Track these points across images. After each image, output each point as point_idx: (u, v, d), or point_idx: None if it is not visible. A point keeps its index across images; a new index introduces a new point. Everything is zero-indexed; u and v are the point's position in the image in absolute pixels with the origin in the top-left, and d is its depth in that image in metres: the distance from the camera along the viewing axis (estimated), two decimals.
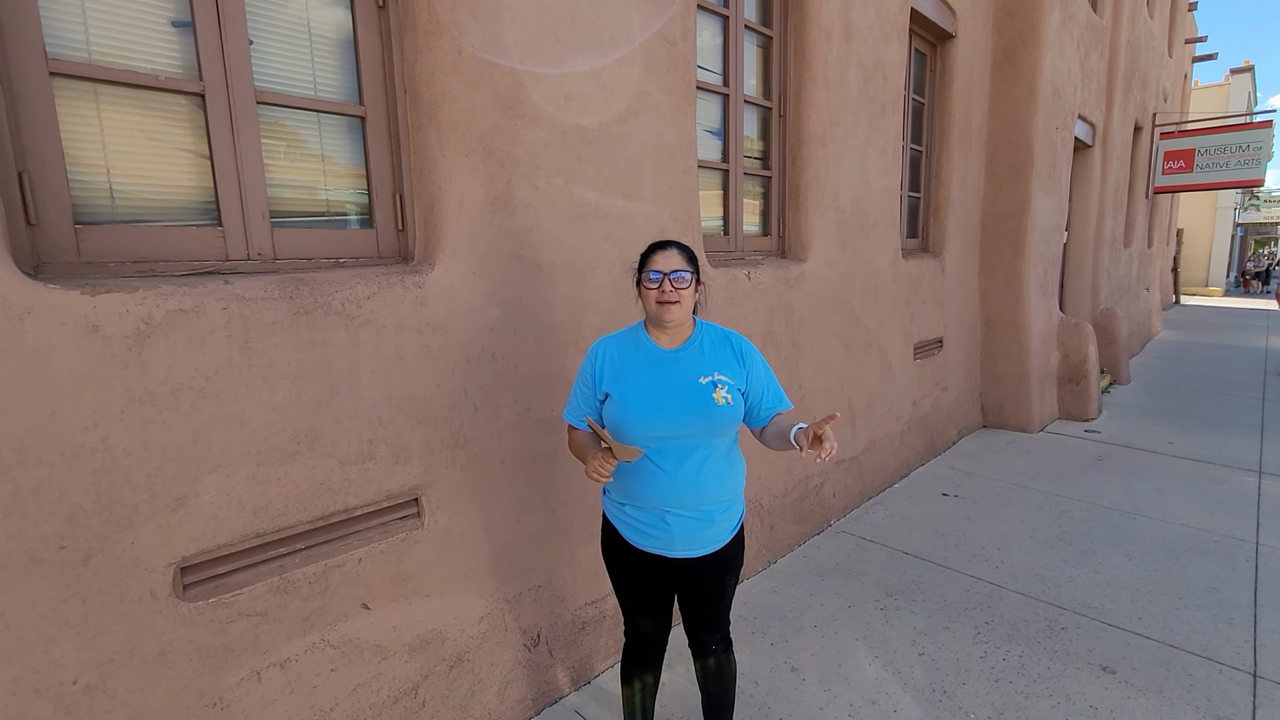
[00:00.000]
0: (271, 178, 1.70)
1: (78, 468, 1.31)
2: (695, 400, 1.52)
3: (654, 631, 1.74)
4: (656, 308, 1.52)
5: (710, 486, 1.55)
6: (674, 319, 1.53)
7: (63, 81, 1.39)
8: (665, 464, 1.52)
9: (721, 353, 1.61)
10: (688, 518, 1.55)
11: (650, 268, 1.53)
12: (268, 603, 1.59)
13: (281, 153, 1.73)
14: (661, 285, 1.51)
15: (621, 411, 1.52)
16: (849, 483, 3.76)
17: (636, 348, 1.59)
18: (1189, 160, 9.17)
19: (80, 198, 1.43)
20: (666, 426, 1.50)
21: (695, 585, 1.64)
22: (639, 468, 1.53)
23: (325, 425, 1.66)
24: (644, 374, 1.55)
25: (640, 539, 1.59)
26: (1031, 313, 5.25)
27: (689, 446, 1.53)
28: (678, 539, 1.56)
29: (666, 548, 1.57)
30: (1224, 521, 3.54)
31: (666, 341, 1.59)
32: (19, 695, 1.26)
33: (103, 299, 1.32)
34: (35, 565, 1.27)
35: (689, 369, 1.56)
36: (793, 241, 3.41)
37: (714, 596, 1.66)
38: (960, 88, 4.67)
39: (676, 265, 1.52)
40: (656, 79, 2.43)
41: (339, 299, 1.67)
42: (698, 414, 1.51)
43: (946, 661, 2.39)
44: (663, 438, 1.51)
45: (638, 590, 1.68)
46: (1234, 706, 2.13)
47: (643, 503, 1.55)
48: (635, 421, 1.51)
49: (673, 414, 1.51)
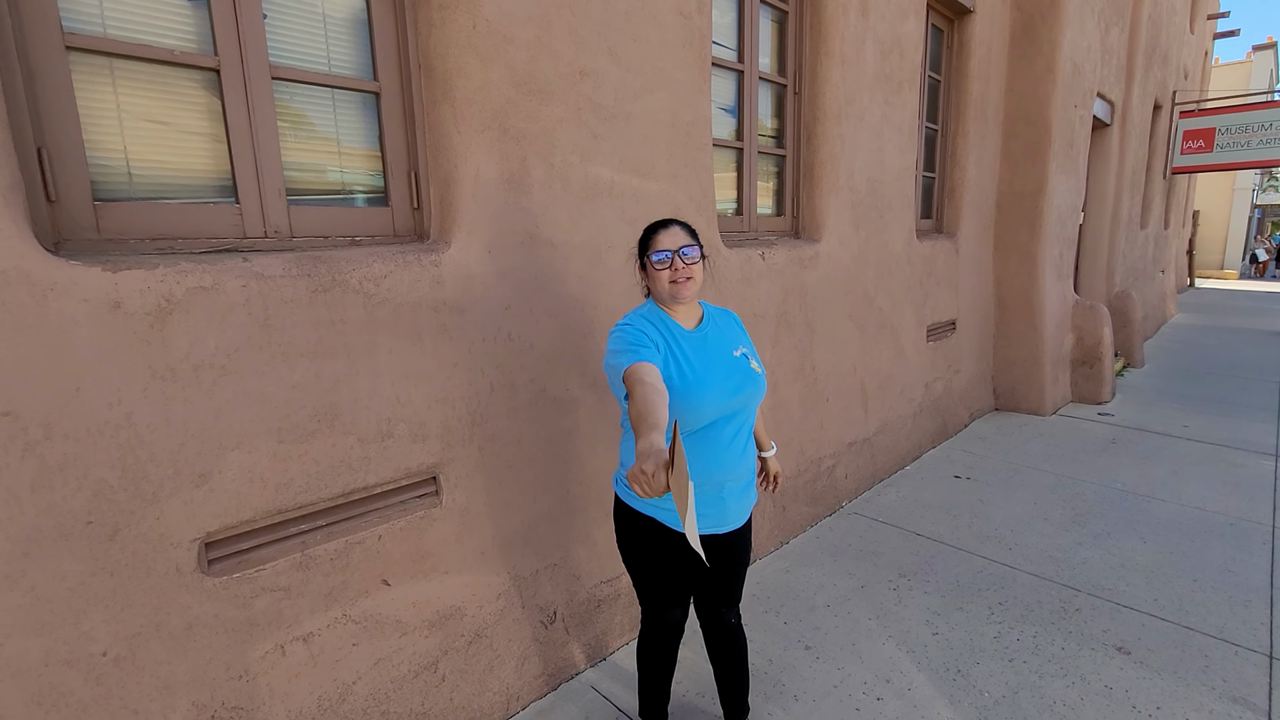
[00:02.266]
0: (287, 155, 1.69)
1: (103, 443, 1.32)
2: (744, 373, 1.56)
3: (681, 619, 1.76)
4: (670, 287, 1.50)
5: (751, 453, 1.62)
6: (690, 295, 1.52)
7: (79, 56, 1.38)
8: (720, 437, 1.52)
9: (732, 326, 1.67)
10: (738, 487, 1.59)
11: (655, 248, 1.51)
12: (290, 578, 1.60)
13: (297, 130, 1.72)
14: (673, 263, 1.49)
15: (690, 390, 1.46)
16: (861, 464, 3.76)
17: (668, 328, 1.54)
18: (1209, 140, 8.99)
19: (99, 174, 1.43)
20: (729, 401, 1.52)
21: (730, 555, 1.66)
22: (699, 448, 1.50)
23: (344, 403, 1.66)
24: (694, 354, 1.52)
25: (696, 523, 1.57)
26: (1046, 295, 5.19)
27: (739, 418, 1.56)
28: (731, 511, 1.59)
29: (720, 523, 1.57)
30: (1239, 504, 3.52)
31: (685, 319, 1.58)
32: (51, 666, 1.28)
33: (124, 276, 1.32)
34: (64, 540, 1.29)
35: (722, 344, 1.58)
36: (807, 222, 3.37)
37: (743, 564, 1.72)
38: (978, 64, 4.57)
39: (683, 241, 1.51)
40: (672, 54, 2.39)
41: (356, 277, 1.66)
42: (749, 385, 1.56)
43: (960, 641, 2.40)
44: (719, 412, 1.50)
45: (675, 579, 1.66)
46: (1250, 688, 2.13)
47: (700, 481, 1.52)
48: (705, 398, 1.47)
49: (733, 388, 1.52)
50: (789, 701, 2.10)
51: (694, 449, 1.50)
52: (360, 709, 1.74)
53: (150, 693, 1.41)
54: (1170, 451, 4.37)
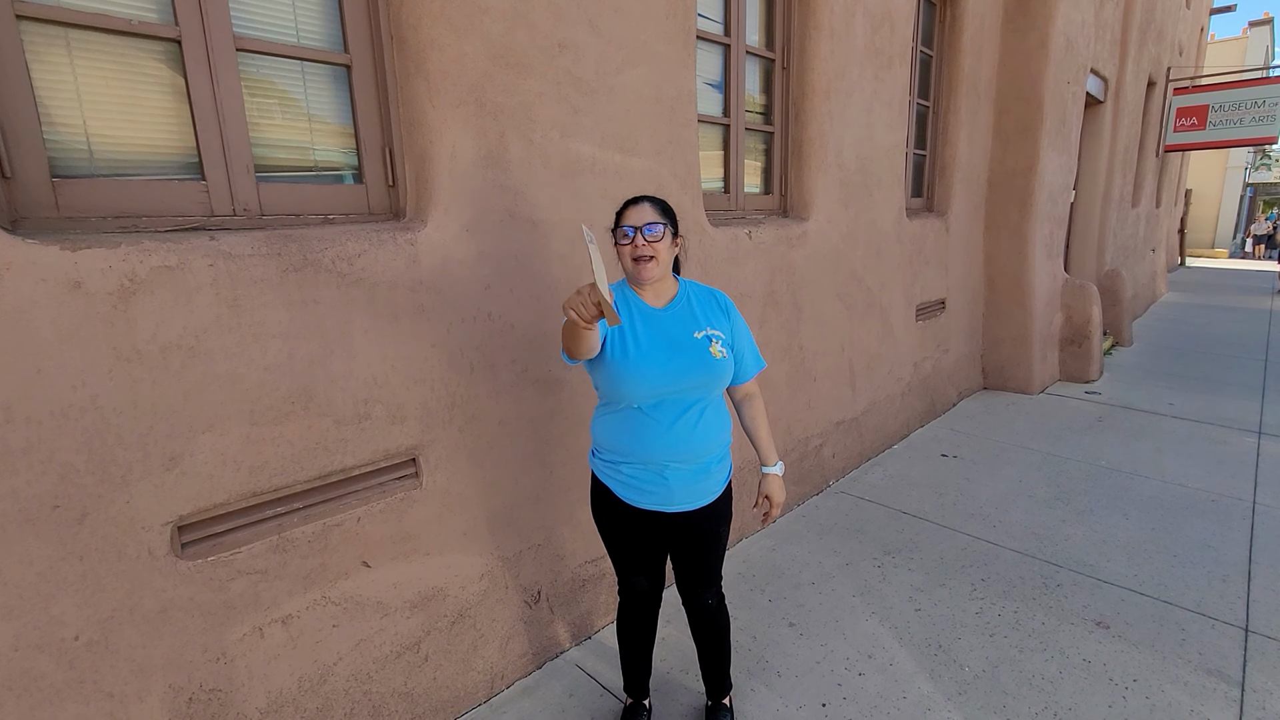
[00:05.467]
0: (256, 131, 1.64)
1: (68, 427, 1.29)
2: (695, 355, 1.52)
3: (649, 589, 1.76)
4: (632, 264, 1.50)
5: (707, 439, 1.56)
6: (650, 275, 1.51)
7: (31, 26, 1.33)
8: (663, 418, 1.51)
9: (709, 308, 1.62)
10: (686, 470, 1.55)
11: (623, 224, 1.51)
12: (267, 561, 1.59)
13: (265, 104, 1.67)
14: (635, 240, 1.48)
15: (624, 368, 1.49)
16: (848, 444, 3.77)
17: (629, 305, 1.56)
18: (1202, 117, 8.94)
19: (56, 150, 1.38)
20: (669, 383, 1.50)
21: (691, 538, 1.65)
22: (636, 425, 1.52)
23: (319, 385, 1.64)
24: (642, 331, 1.52)
25: (638, 496, 1.58)
26: (1036, 274, 5.18)
27: (687, 400, 1.53)
28: (676, 493, 1.56)
29: (665, 503, 1.57)
30: (1222, 481, 3.56)
31: (653, 298, 1.57)
32: (21, 651, 1.27)
33: (84, 255, 1.29)
34: (30, 524, 1.26)
35: (684, 324, 1.55)
36: (795, 200, 3.33)
37: (709, 548, 1.68)
38: (970, 39, 4.51)
39: (649, 219, 1.48)
40: (655, 27, 2.34)
41: (329, 256, 1.63)
42: (699, 368, 1.52)
43: (942, 617, 2.42)
44: (663, 394, 1.50)
45: (634, 548, 1.68)
46: (1225, 660, 2.16)
47: (641, 459, 1.54)
48: (639, 378, 1.48)
49: (676, 370, 1.50)
50: (772, 677, 2.12)
51: (634, 427, 1.52)
52: (342, 689, 1.74)
53: (125, 676, 1.40)
54: (1155, 429, 4.41)
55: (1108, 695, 2.01)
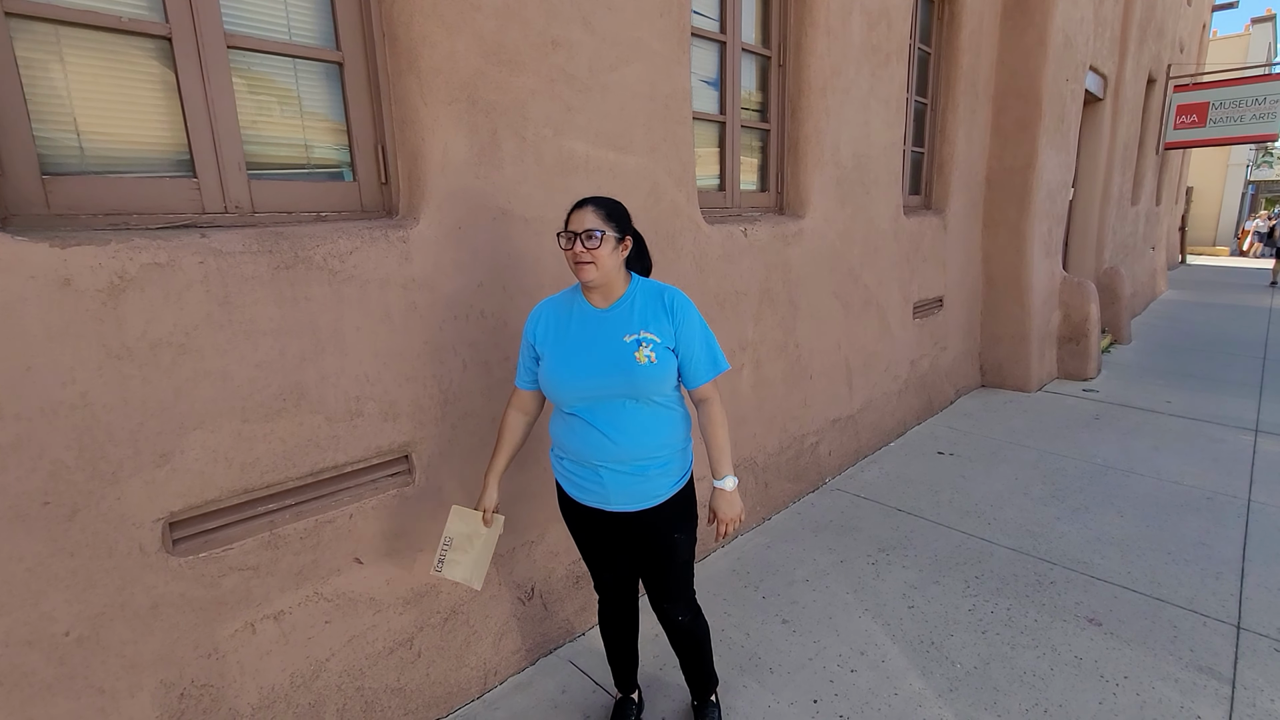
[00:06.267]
0: (247, 128, 1.64)
1: (57, 424, 1.30)
2: (616, 360, 1.48)
3: (615, 582, 1.77)
4: (575, 269, 1.49)
5: (640, 443, 1.52)
6: (590, 279, 1.48)
7: (20, 23, 1.33)
8: (596, 422, 1.52)
9: (651, 309, 1.54)
10: (620, 472, 1.54)
11: (567, 228, 1.49)
12: (259, 557, 1.60)
13: (257, 102, 1.67)
14: (574, 246, 1.46)
15: (548, 374, 1.54)
16: (844, 441, 3.77)
17: (571, 309, 1.57)
18: (1202, 114, 8.91)
19: (47, 148, 1.38)
20: (590, 388, 1.50)
21: (642, 542, 1.63)
22: (572, 425, 1.55)
23: (311, 382, 1.64)
24: (572, 336, 1.54)
25: (580, 493, 1.61)
26: (1034, 271, 5.18)
27: (616, 404, 1.51)
28: (612, 494, 1.56)
29: (603, 501, 1.58)
30: (1217, 479, 3.56)
31: (599, 300, 1.55)
32: (11, 647, 1.28)
33: (73, 252, 1.29)
34: (20, 520, 1.27)
35: (615, 328, 1.52)
36: (791, 197, 3.33)
37: (664, 557, 1.64)
38: (968, 36, 4.50)
39: (588, 224, 1.45)
40: (649, 24, 2.33)
41: (320, 254, 1.63)
42: (618, 373, 1.48)
43: (935, 614, 2.42)
44: (589, 398, 1.51)
45: (589, 543, 1.72)
46: (1216, 657, 2.17)
47: (578, 458, 1.57)
48: (559, 383, 1.52)
49: (594, 375, 1.49)
50: (764, 674, 2.13)
51: (571, 428, 1.57)
52: (334, 685, 1.75)
53: (116, 671, 1.40)
54: (1152, 427, 4.41)
55: (1098, 692, 2.02)
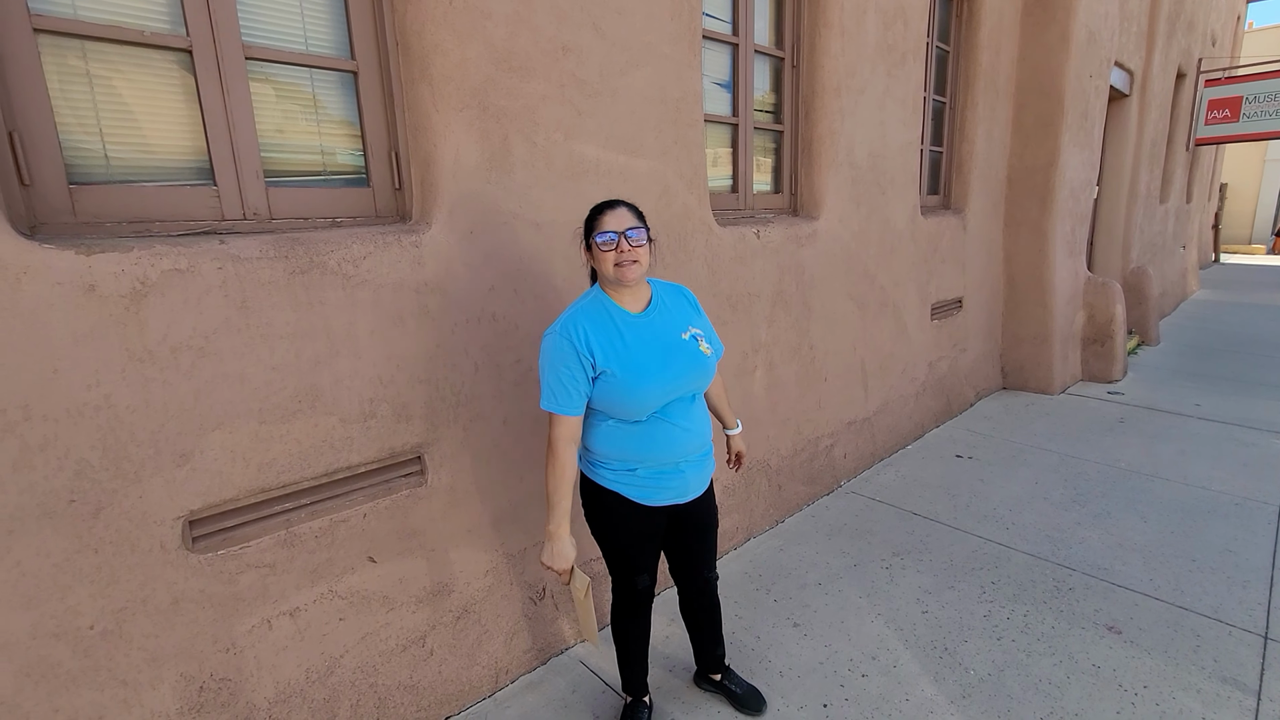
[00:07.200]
0: (266, 136, 1.68)
1: (83, 424, 1.34)
2: (689, 356, 1.59)
3: (650, 584, 1.80)
4: (615, 270, 1.50)
5: (706, 430, 1.69)
6: (635, 277, 1.51)
7: (48, 39, 1.38)
8: (676, 420, 1.60)
9: (679, 306, 1.68)
10: (696, 460, 1.67)
11: (601, 229, 1.51)
12: (275, 555, 1.64)
13: (274, 111, 1.71)
14: (619, 245, 1.49)
15: (626, 386, 1.51)
16: (860, 444, 3.74)
17: (611, 318, 1.56)
18: (1235, 109, 8.66)
19: (74, 158, 1.44)
20: (674, 387, 1.56)
21: (698, 519, 1.77)
22: (650, 431, 1.58)
23: (326, 384, 1.68)
24: (633, 345, 1.55)
25: (655, 495, 1.64)
26: (1057, 271, 5.08)
27: (688, 399, 1.62)
28: (691, 483, 1.67)
29: (682, 494, 1.67)
30: (1247, 484, 3.46)
31: (632, 302, 1.58)
32: (39, 639, 1.33)
33: (97, 259, 1.34)
34: (47, 518, 1.32)
35: (668, 328, 1.60)
36: (805, 199, 3.32)
37: (713, 526, 1.82)
38: (988, 34, 4.44)
39: (629, 223, 1.50)
40: (660, 28, 2.35)
41: (335, 259, 1.67)
42: (695, 368, 1.60)
43: (949, 620, 2.40)
44: (667, 396, 1.57)
45: (643, 547, 1.73)
46: (1241, 668, 2.12)
47: (659, 461, 1.61)
48: (644, 392, 1.52)
49: (676, 376, 1.56)
50: (773, 677, 2.12)
51: (651, 434, 1.58)
52: (348, 681, 1.79)
53: (139, 665, 1.45)
54: (1179, 431, 4.30)
55: (1116, 701, 1.98)
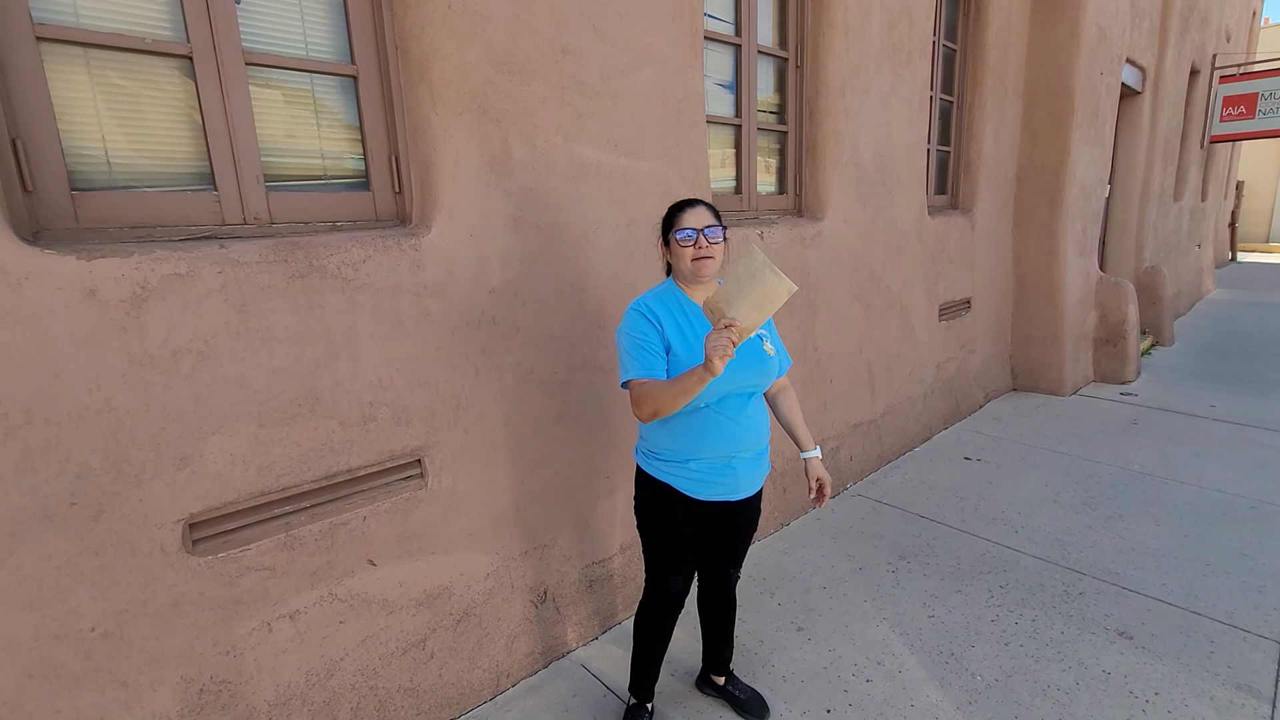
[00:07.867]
0: (266, 141, 1.69)
1: (84, 428, 1.35)
2: (754, 354, 1.62)
3: (684, 590, 1.81)
4: (693, 265, 1.58)
5: (763, 429, 1.69)
6: (710, 273, 1.60)
7: (50, 47, 1.40)
8: (730, 414, 1.61)
9: None
10: (748, 458, 1.67)
11: (681, 226, 1.59)
12: (275, 558, 1.64)
13: (275, 115, 1.72)
14: (697, 241, 1.57)
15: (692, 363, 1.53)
16: (866, 446, 3.71)
17: (682, 307, 1.62)
18: (1250, 105, 8.53)
19: (76, 164, 1.45)
20: (735, 381, 1.58)
21: (743, 520, 1.79)
22: (705, 422, 1.61)
23: (325, 387, 1.68)
24: (702, 330, 1.60)
25: (707, 489, 1.65)
26: (1067, 271, 5.02)
27: (745, 396, 1.64)
28: (742, 481, 1.67)
29: (732, 491, 1.67)
30: (1263, 487, 3.40)
31: (702, 298, 1.63)
32: (41, 641, 1.34)
33: (98, 264, 1.35)
34: (49, 520, 1.33)
35: None
36: (810, 200, 3.30)
37: (753, 527, 1.84)
38: (996, 32, 4.40)
39: (708, 221, 1.59)
40: (661, 29, 2.34)
41: (334, 262, 1.67)
42: (758, 366, 1.62)
43: (956, 624, 2.37)
44: (728, 391, 1.59)
45: (690, 544, 1.74)
46: (1256, 674, 2.07)
47: (712, 453, 1.62)
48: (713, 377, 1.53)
49: (740, 369, 1.58)
50: (776, 682, 2.10)
51: (704, 425, 1.60)
52: (349, 684, 1.79)
53: (139, 666, 1.46)
54: (1193, 432, 4.23)
55: (1126, 708, 1.95)
